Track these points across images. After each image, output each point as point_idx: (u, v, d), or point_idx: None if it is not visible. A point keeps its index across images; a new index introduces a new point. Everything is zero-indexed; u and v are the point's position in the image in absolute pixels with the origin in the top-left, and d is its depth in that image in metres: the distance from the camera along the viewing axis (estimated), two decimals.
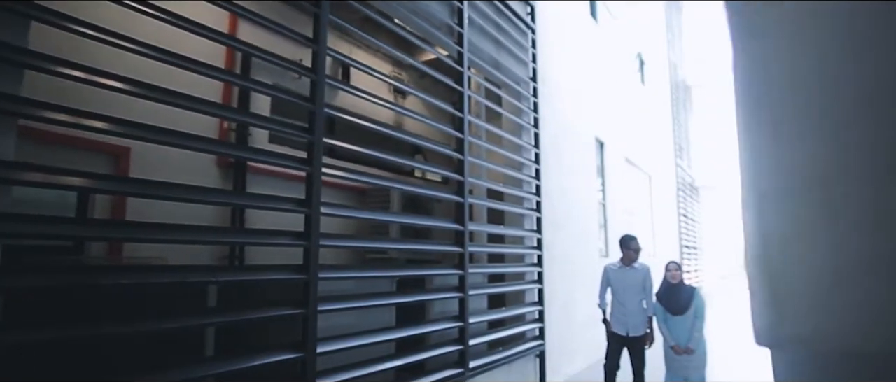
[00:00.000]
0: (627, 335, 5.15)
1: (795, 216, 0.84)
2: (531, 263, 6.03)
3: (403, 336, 3.74)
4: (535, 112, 6.39)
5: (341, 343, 3.23)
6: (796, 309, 0.82)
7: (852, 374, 0.79)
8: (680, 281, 4.85)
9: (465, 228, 4.59)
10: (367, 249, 5.77)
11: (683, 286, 4.80)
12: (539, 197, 6.19)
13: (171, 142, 2.46)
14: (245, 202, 2.88)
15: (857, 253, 0.76)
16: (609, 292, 5.96)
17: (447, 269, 4.46)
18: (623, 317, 5.20)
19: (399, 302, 3.77)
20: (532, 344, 5.73)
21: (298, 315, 2.93)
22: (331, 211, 3.20)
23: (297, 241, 2.98)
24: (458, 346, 4.39)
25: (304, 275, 2.96)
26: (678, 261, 5.11)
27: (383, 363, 3.58)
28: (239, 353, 2.69)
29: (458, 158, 4.70)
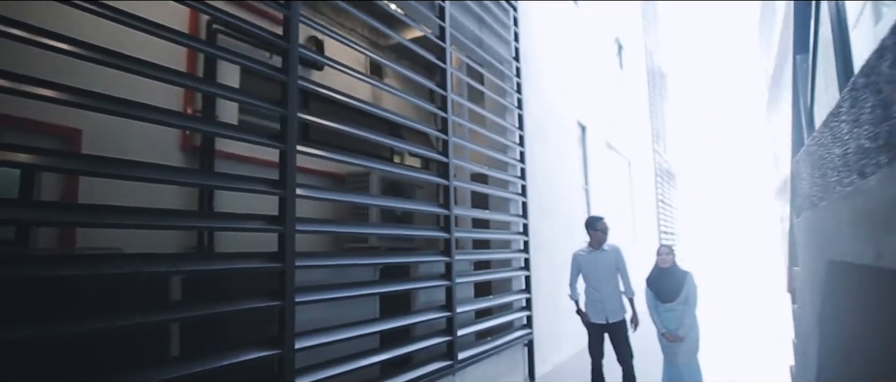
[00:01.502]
0: (607, 322, 4.86)
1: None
2: (518, 249, 5.82)
3: (389, 329, 3.48)
4: (519, 93, 6.16)
5: (322, 337, 2.95)
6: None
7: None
8: (671, 266, 4.61)
9: (451, 212, 4.33)
10: (346, 236, 5.48)
11: (675, 270, 4.57)
12: (524, 181, 5.97)
13: (127, 112, 2.14)
14: (213, 182, 2.57)
15: None
16: (581, 280, 5.61)
17: (433, 256, 4.20)
18: (599, 304, 4.91)
19: (383, 291, 3.50)
20: (520, 333, 5.53)
21: (274, 307, 2.65)
22: (307, 193, 2.91)
23: (271, 226, 2.69)
24: (446, 337, 4.15)
25: (280, 264, 2.68)
26: (669, 245, 4.86)
27: (368, 357, 3.31)
28: (208, 352, 2.40)
29: (441, 139, 4.44)
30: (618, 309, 4.82)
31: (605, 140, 10.51)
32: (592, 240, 5.00)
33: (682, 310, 4.53)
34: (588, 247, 5.06)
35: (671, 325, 4.55)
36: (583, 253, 5.10)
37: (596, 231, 4.98)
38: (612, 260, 4.92)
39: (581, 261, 5.07)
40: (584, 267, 5.05)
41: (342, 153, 3.22)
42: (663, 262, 4.69)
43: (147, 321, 2.16)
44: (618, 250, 4.99)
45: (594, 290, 4.95)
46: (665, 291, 4.65)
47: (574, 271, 5.16)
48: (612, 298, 4.83)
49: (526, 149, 6.08)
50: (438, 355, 4.17)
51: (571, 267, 5.19)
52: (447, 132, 4.45)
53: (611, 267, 4.91)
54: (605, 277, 4.91)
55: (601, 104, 10.48)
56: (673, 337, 4.47)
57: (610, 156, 11.01)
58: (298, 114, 2.87)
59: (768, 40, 19.85)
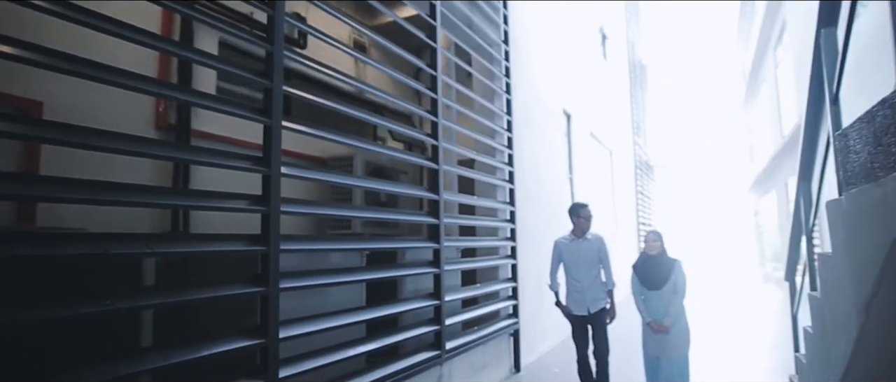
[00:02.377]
0: (588, 313, 4.51)
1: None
2: (504, 237, 5.69)
3: (376, 318, 3.31)
4: (508, 77, 6.00)
5: (308, 326, 2.77)
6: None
7: None
8: (659, 253, 4.36)
9: (440, 197, 4.17)
10: (329, 221, 5.27)
11: (663, 258, 4.29)
12: (512, 168, 5.83)
13: (94, 75, 1.91)
14: (190, 156, 2.35)
15: None
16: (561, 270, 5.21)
17: (421, 242, 4.04)
18: (580, 295, 4.53)
19: (373, 278, 3.33)
20: (507, 323, 5.41)
21: (257, 294, 2.46)
22: (293, 172, 2.72)
23: (255, 206, 2.49)
24: (434, 327, 4.00)
25: (264, 247, 2.48)
26: (658, 231, 4.65)
27: (355, 347, 3.14)
28: (184, 343, 2.20)
29: (431, 120, 4.26)
30: (599, 298, 4.54)
31: (589, 129, 10.43)
32: (575, 228, 4.66)
33: (670, 300, 4.29)
34: (570, 235, 4.71)
35: (657, 315, 4.30)
36: (565, 240, 4.73)
37: (579, 218, 4.62)
38: (594, 249, 4.61)
39: (563, 249, 4.69)
40: (565, 255, 4.67)
41: (328, 130, 3.02)
42: (651, 249, 4.43)
43: (119, 307, 1.95)
44: (601, 239, 4.70)
45: (575, 280, 4.59)
46: (652, 279, 4.29)
47: (555, 259, 4.75)
48: (592, 288, 4.53)
49: (514, 134, 5.95)
50: (426, 345, 4.02)
51: (553, 254, 4.77)
52: (436, 113, 4.27)
53: (593, 256, 4.60)
54: (587, 266, 4.57)
55: (586, 93, 10.39)
56: (658, 327, 4.25)
57: (593, 145, 10.95)
58: (284, 87, 2.67)
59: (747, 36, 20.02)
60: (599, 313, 4.51)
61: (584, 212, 4.66)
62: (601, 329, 4.50)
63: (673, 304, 4.23)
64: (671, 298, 4.25)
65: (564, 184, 8.57)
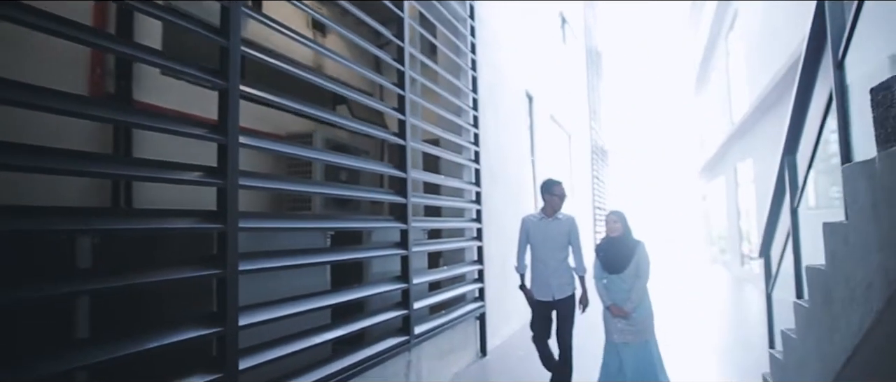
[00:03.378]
0: (553, 299, 4.13)
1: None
2: (470, 219, 5.53)
3: (342, 302, 3.07)
4: (473, 53, 5.81)
5: (269, 312, 2.52)
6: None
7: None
8: (622, 234, 4.14)
9: (407, 175, 3.95)
10: (288, 202, 4.95)
11: (626, 239, 4.13)
12: (478, 147, 5.66)
13: (11, 15, 1.60)
14: (134, 120, 2.04)
15: None
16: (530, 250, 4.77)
17: (389, 222, 3.82)
18: (545, 278, 4.16)
19: (338, 260, 3.09)
20: (473, 306, 5.27)
21: (213, 277, 2.19)
22: (252, 142, 2.45)
23: (210, 178, 2.21)
24: (402, 311, 3.80)
25: (220, 224, 2.21)
26: (619, 211, 4.32)
27: (320, 334, 2.91)
28: (127, 334, 1.92)
29: (398, 93, 4.03)
30: (565, 284, 4.17)
31: (549, 112, 10.38)
32: (546, 206, 4.28)
33: (632, 283, 4.00)
34: (540, 213, 4.32)
35: (619, 299, 4.01)
36: (534, 218, 4.35)
37: (552, 195, 4.24)
38: (565, 230, 4.23)
39: (531, 228, 4.31)
40: (532, 234, 4.28)
41: (290, 98, 2.75)
42: (612, 231, 4.17)
43: (48, 294, 1.66)
44: (572, 220, 4.34)
45: (541, 263, 4.21)
46: (614, 262, 4.08)
47: (523, 238, 4.36)
48: (559, 272, 4.17)
49: (480, 113, 5.77)
50: (393, 330, 3.82)
51: (520, 233, 4.39)
52: (403, 87, 4.04)
53: (563, 237, 4.23)
54: (555, 248, 4.19)
55: (546, 76, 10.32)
56: (618, 311, 3.95)
57: (553, 129, 10.92)
58: (242, 48, 2.38)
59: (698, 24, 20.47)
60: (566, 301, 4.15)
61: (557, 190, 4.31)
62: (567, 318, 4.15)
63: (635, 288, 4.00)
64: (634, 282, 4.02)
65: (527, 167, 8.47)
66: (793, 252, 2.73)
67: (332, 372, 2.94)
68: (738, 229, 13.37)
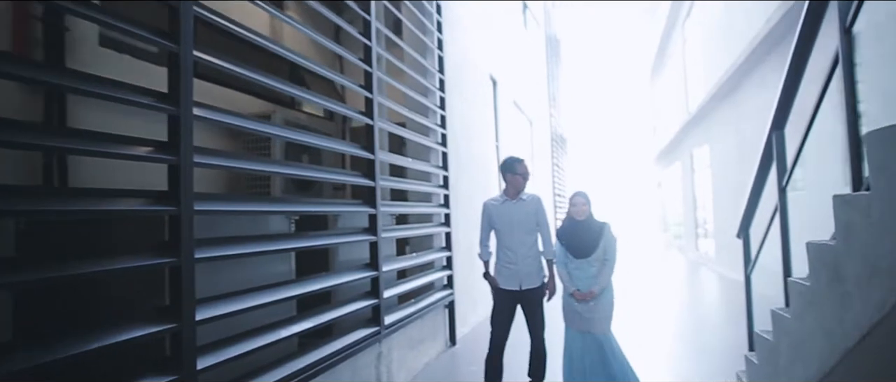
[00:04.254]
0: (520, 289, 3.75)
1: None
2: (438, 204, 5.34)
3: (310, 292, 2.83)
4: (440, 32, 5.59)
5: (230, 305, 2.27)
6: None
7: None
8: (588, 217, 3.85)
9: (375, 157, 3.72)
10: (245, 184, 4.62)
11: (591, 222, 3.85)
12: (445, 130, 5.46)
13: None
14: (72, 83, 1.73)
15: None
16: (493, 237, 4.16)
17: (357, 205, 3.58)
18: (512, 266, 3.77)
19: (305, 246, 2.84)
20: (442, 294, 5.10)
21: (165, 266, 1.93)
22: (207, 114, 2.18)
23: (162, 154, 1.94)
24: (372, 300, 3.58)
25: (174, 207, 1.95)
26: (585, 193, 3.97)
27: (286, 327, 2.67)
28: (61, 335, 1.65)
29: (364, 70, 3.78)
30: (534, 272, 3.79)
31: (512, 98, 10.27)
32: (509, 187, 3.87)
33: (599, 269, 3.74)
34: (502, 196, 3.92)
35: (583, 286, 3.73)
36: (496, 202, 3.93)
37: (515, 175, 3.84)
38: (531, 212, 3.85)
39: (493, 212, 3.90)
40: (496, 219, 3.88)
41: (247, 67, 2.48)
42: (578, 213, 3.84)
43: None
44: (538, 200, 3.94)
45: (507, 250, 3.82)
46: (579, 246, 3.79)
47: (485, 224, 3.97)
48: (527, 259, 3.78)
49: (446, 94, 5.57)
50: (363, 321, 3.60)
51: (482, 219, 3.99)
52: (370, 62, 3.79)
53: (529, 220, 3.84)
54: (522, 232, 3.81)
55: (509, 61, 10.19)
56: (583, 296, 3.68)
57: (516, 114, 10.83)
58: (194, 8, 2.10)
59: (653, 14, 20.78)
60: (536, 290, 3.79)
61: (520, 168, 3.87)
62: (537, 307, 3.81)
63: (603, 273, 3.74)
64: (600, 267, 3.76)
65: (492, 152, 8.33)
66: (780, 231, 2.66)
67: (300, 368, 2.70)
68: (693, 214, 13.68)
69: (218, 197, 2.34)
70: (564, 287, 3.85)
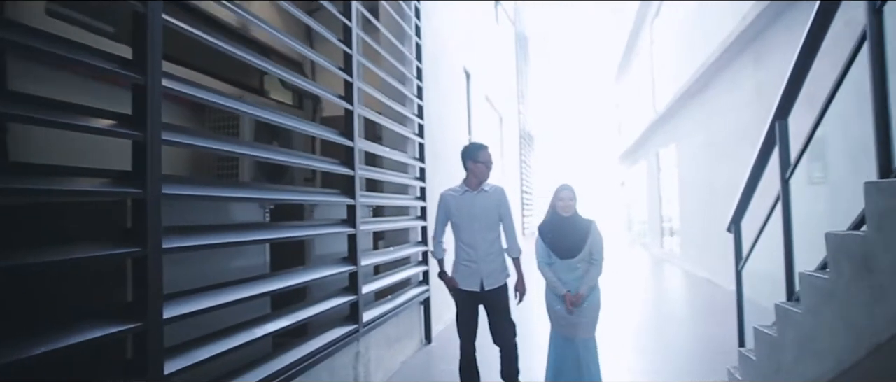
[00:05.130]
0: (483, 289, 3.38)
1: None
2: (415, 196, 5.14)
3: (288, 287, 2.61)
4: (418, 19, 5.39)
5: (199, 301, 2.03)
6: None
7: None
8: (574, 214, 3.49)
9: (355, 145, 3.51)
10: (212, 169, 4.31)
11: (577, 219, 3.49)
12: (422, 120, 5.27)
13: None
14: (18, 37, 1.46)
15: None
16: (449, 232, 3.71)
17: (334, 195, 3.36)
18: (473, 265, 3.39)
19: (281, 238, 2.61)
20: (418, 290, 4.91)
21: (128, 257, 1.69)
22: (178, 86, 1.93)
23: (124, 128, 1.69)
24: (350, 296, 3.37)
25: (138, 189, 1.70)
26: (571, 186, 3.58)
27: (261, 326, 2.44)
28: (5, 334, 1.39)
29: (344, 51, 3.56)
30: (498, 271, 3.42)
31: (484, 92, 10.14)
32: (470, 176, 3.49)
33: (587, 269, 3.43)
34: (462, 186, 3.52)
35: (571, 287, 3.41)
36: (454, 193, 3.53)
37: (477, 163, 3.43)
38: (493, 204, 3.45)
39: (451, 204, 3.49)
40: (454, 212, 3.48)
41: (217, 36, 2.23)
42: (565, 209, 3.47)
43: None
44: (502, 192, 3.55)
45: (466, 246, 3.44)
46: (565, 245, 3.44)
47: (441, 217, 3.56)
48: (490, 257, 3.40)
49: (424, 84, 5.37)
50: (340, 318, 3.38)
51: (438, 211, 3.57)
52: (350, 45, 3.57)
53: (491, 214, 3.44)
54: (483, 227, 3.42)
55: (482, 55, 10.05)
56: (575, 299, 3.33)
57: (487, 109, 10.71)
58: None
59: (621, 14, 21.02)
60: (499, 290, 3.41)
61: (483, 155, 3.46)
62: (502, 309, 3.42)
63: (590, 274, 3.42)
64: (587, 269, 3.44)
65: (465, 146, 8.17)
66: (783, 223, 2.58)
67: (276, 371, 2.48)
68: (659, 211, 13.87)
69: (187, 180, 2.09)
70: (553, 289, 3.49)
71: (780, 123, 2.61)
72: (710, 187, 8.99)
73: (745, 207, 3.26)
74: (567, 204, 3.50)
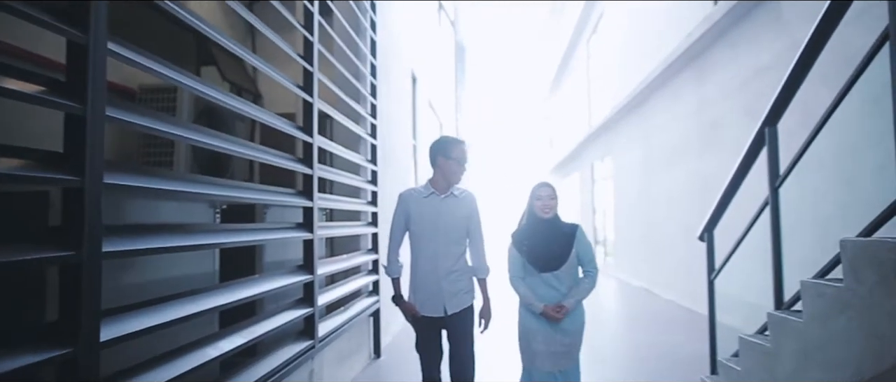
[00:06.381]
0: (445, 314, 2.81)
1: None
2: (367, 201, 4.82)
3: (244, 300, 2.24)
4: (374, 13, 5.09)
5: (143, 318, 1.65)
6: None
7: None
8: (555, 216, 2.89)
9: (314, 141, 3.17)
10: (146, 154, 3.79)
11: (560, 223, 2.91)
12: (376, 120, 4.96)
13: None
14: None
15: None
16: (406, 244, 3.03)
17: (292, 196, 2.99)
18: (434, 285, 2.81)
19: (238, 242, 2.24)
20: (369, 301, 4.58)
21: (57, 262, 1.31)
22: (124, 51, 1.57)
23: (63, 99, 1.32)
24: (306, 309, 3.01)
25: (74, 176, 1.33)
26: (551, 184, 2.99)
27: (213, 345, 2.07)
28: None
29: (305, 37, 3.21)
30: (462, 291, 2.86)
31: (428, 97, 9.92)
32: (437, 177, 2.88)
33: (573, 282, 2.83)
34: (427, 187, 2.89)
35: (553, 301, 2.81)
36: (417, 194, 2.90)
37: (449, 160, 2.82)
38: (463, 213, 2.86)
39: (412, 209, 2.86)
40: (415, 218, 2.85)
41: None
42: (544, 209, 2.86)
43: None
44: (474, 199, 2.96)
45: (427, 262, 2.83)
46: (546, 255, 2.83)
47: (399, 223, 2.92)
48: (453, 275, 2.82)
49: (378, 82, 5.08)
50: (294, 333, 3.02)
51: (395, 216, 2.94)
52: (312, 31, 3.24)
53: (460, 224, 2.84)
54: (449, 240, 2.82)
55: (427, 59, 9.85)
56: (554, 313, 2.72)
57: (430, 116, 10.51)
58: None
59: (556, 29, 21.54)
60: (462, 315, 2.84)
61: (456, 151, 2.84)
62: (464, 338, 2.84)
63: (582, 286, 2.82)
64: (577, 282, 2.84)
65: (410, 151, 7.91)
66: (771, 231, 2.52)
67: None
68: (592, 222, 14.15)
69: (135, 168, 1.70)
70: (527, 306, 2.85)
71: (769, 129, 2.55)
72: (648, 198, 9.22)
73: (721, 215, 3.21)
74: (546, 203, 2.88)
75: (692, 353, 4.92)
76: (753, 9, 5.45)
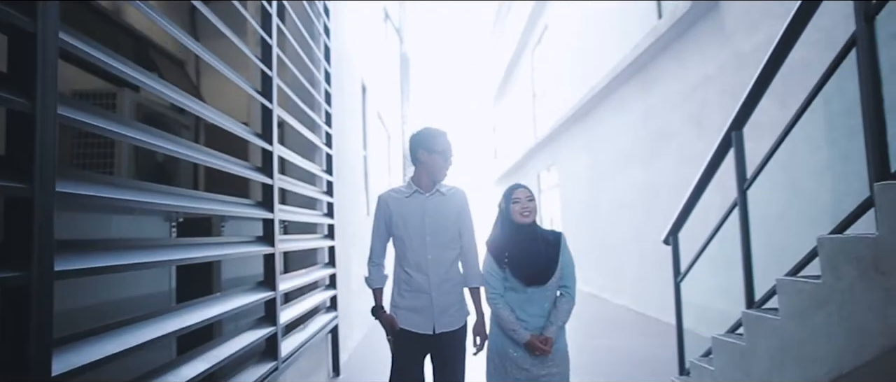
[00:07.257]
0: (433, 332, 2.48)
1: None
2: (323, 212, 4.62)
3: (206, 322, 2.04)
4: (328, 19, 4.94)
5: (98, 345, 1.45)
6: None
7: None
8: (534, 223, 2.55)
9: (274, 149, 2.99)
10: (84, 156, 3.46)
11: (542, 231, 2.57)
12: (331, 128, 4.79)
13: None
14: None
15: None
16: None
17: (251, 207, 2.79)
18: (422, 297, 2.48)
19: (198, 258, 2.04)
20: (328, 317, 4.37)
21: (3, 283, 1.11)
22: (77, 42, 1.38)
23: (7, 93, 1.13)
24: (268, 328, 2.81)
25: (21, 183, 1.14)
26: (528, 187, 2.63)
27: (172, 372, 1.86)
28: None
29: (263, 39, 3.04)
30: (455, 305, 2.54)
31: (376, 108, 9.78)
32: (420, 173, 2.58)
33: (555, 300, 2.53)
34: (409, 186, 2.60)
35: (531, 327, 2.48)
36: (398, 194, 2.59)
37: (433, 154, 2.51)
38: (451, 212, 2.54)
39: (394, 210, 2.54)
40: (397, 220, 2.53)
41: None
42: (524, 212, 2.51)
43: None
44: (464, 196, 2.64)
45: (414, 271, 2.50)
46: (530, 266, 2.47)
47: (380, 228, 2.60)
48: (445, 285, 2.51)
49: (333, 89, 4.91)
50: (256, 355, 2.81)
51: (376, 221, 2.62)
52: (270, 32, 3.06)
53: (449, 225, 2.54)
54: (438, 244, 2.50)
55: (375, 70, 9.71)
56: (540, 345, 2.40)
57: (379, 126, 10.36)
58: None
59: (499, 40, 21.86)
60: (455, 336, 2.51)
61: (440, 143, 2.53)
62: (455, 364, 2.50)
63: (561, 307, 2.50)
64: (559, 300, 2.52)
65: (360, 162, 7.73)
66: (741, 233, 2.56)
67: None
68: None
69: (90, 176, 1.50)
70: (507, 332, 2.47)
71: (735, 134, 2.60)
72: (596, 207, 9.41)
73: (685, 219, 3.26)
74: (525, 205, 2.52)
75: (650, 356, 5.00)
76: (698, 20, 5.67)
